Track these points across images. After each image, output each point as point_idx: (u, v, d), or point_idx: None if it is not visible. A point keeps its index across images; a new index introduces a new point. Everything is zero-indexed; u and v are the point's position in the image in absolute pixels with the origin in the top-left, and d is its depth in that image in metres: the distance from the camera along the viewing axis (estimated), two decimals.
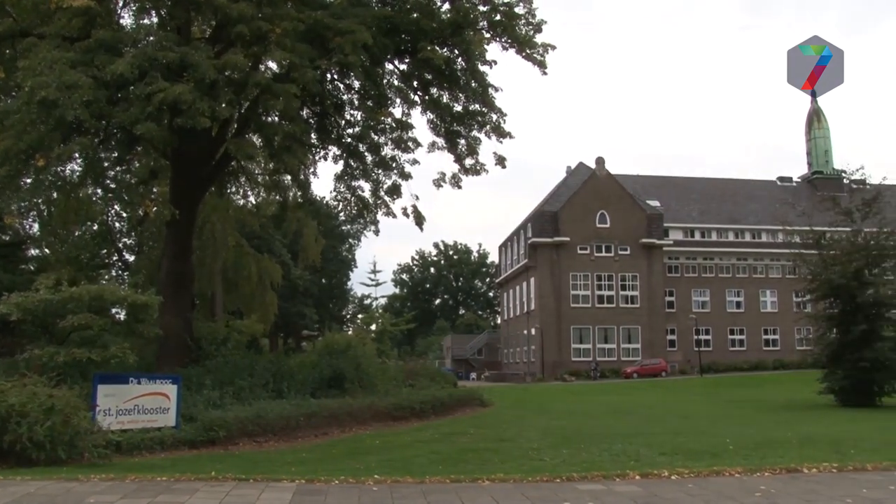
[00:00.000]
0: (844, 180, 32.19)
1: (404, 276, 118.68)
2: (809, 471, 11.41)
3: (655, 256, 59.28)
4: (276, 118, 19.44)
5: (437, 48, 19.56)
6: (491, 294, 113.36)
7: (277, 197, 26.87)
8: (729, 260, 64.06)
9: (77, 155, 18.25)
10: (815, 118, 75.33)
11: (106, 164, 20.23)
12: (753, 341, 62.82)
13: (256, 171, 27.27)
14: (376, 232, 24.19)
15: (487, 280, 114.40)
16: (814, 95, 76.01)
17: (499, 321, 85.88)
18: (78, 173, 21.27)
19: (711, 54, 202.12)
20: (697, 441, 15.90)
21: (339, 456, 14.18)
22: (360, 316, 77.73)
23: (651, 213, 60.18)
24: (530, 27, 20.21)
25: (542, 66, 20.35)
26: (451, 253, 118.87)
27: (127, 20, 19.55)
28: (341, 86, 21.60)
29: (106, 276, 32.28)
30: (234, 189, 28.07)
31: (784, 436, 16.55)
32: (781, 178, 74.78)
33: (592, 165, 61.26)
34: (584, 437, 17.10)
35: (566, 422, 21.88)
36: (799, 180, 74.47)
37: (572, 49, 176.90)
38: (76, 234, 31.44)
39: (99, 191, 24.66)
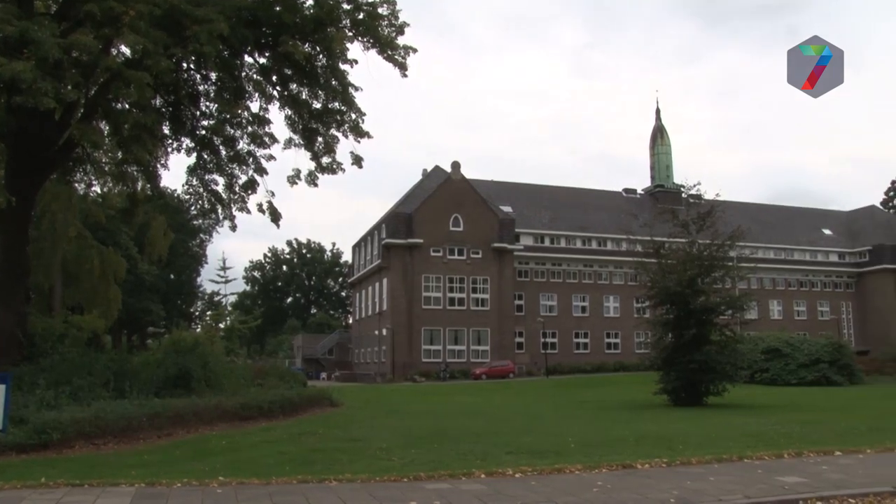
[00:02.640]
0: (683, 194, 34.06)
1: (256, 274, 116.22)
2: (643, 466, 12.06)
3: (506, 261, 60.71)
4: (127, 106, 18.63)
5: (299, 43, 19.33)
6: (343, 294, 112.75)
7: (125, 188, 25.70)
8: (576, 266, 66.51)
9: None
10: (659, 135, 79.84)
11: None
12: (596, 344, 65.54)
13: (103, 160, 25.94)
14: (233, 228, 23.51)
15: (340, 280, 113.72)
16: (658, 114, 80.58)
17: (350, 321, 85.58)
18: None
19: (562, 68, 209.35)
20: (542, 440, 16.42)
21: (182, 458, 13.75)
22: (209, 313, 75.41)
23: (503, 218, 61.63)
24: (393, 29, 20.33)
25: (402, 67, 20.51)
26: (304, 251, 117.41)
27: None
28: (197, 76, 20.94)
29: None
30: (78, 177, 26.60)
31: (622, 434, 17.37)
32: (627, 190, 78.62)
33: (448, 169, 62.07)
34: (433, 436, 17.30)
35: (415, 422, 22.06)
36: (642, 193, 78.49)
37: (432, 53, 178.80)
38: None
39: None
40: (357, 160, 21.41)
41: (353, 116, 21.15)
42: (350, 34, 20.26)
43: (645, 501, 9.34)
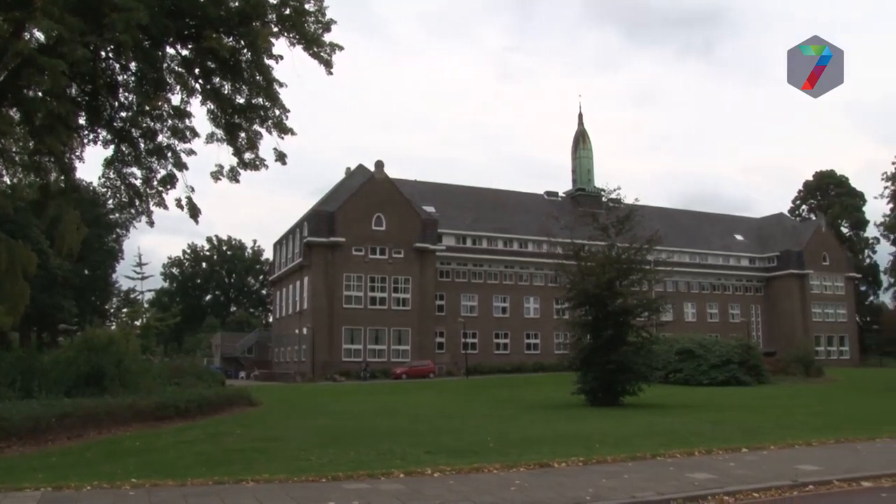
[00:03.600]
0: (603, 198, 34.71)
1: (174, 271, 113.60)
2: (560, 465, 12.30)
3: (428, 261, 60.80)
4: (40, 94, 17.98)
5: (223, 37, 18.98)
6: (264, 292, 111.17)
7: (37, 179, 24.76)
8: (497, 267, 67.08)
9: None
10: (581, 139, 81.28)
11: None
12: (516, 345, 66.22)
13: (13, 150, 24.95)
14: (150, 223, 22.90)
15: (261, 277, 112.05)
16: (580, 118, 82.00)
17: (271, 319, 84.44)
18: None
19: (486, 70, 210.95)
20: (461, 439, 16.56)
21: (94, 459, 13.39)
22: (125, 310, 73.30)
23: (426, 218, 61.73)
24: (319, 25, 20.15)
25: (328, 65, 20.36)
26: (224, 248, 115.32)
27: None
28: (116, 65, 20.35)
29: None
30: None
31: (540, 433, 17.66)
32: (549, 193, 79.70)
33: (372, 168, 61.85)
34: (353, 436, 17.28)
35: (335, 421, 21.98)
36: (564, 196, 79.67)
37: (357, 52, 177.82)
38: None
39: None
40: (280, 157, 21.12)
41: (278, 112, 20.89)
42: (276, 30, 20.01)
43: (561, 499, 9.52)
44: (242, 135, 21.24)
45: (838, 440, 15.74)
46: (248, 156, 21.32)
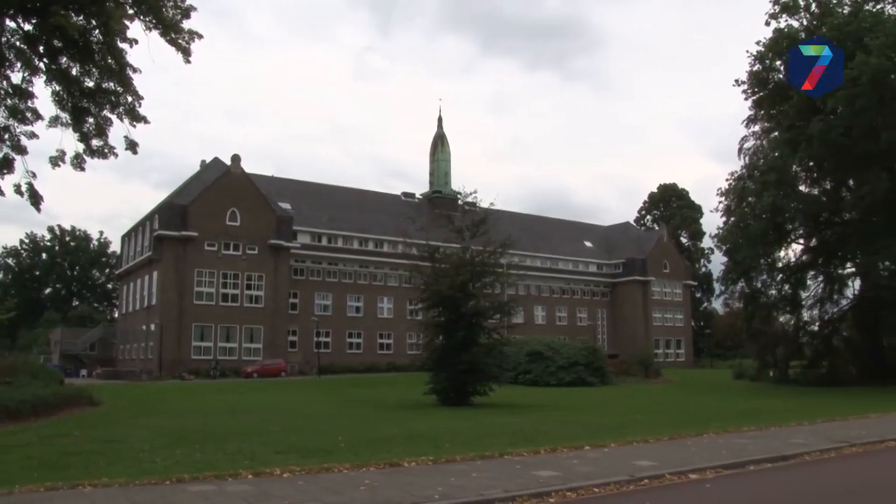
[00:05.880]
0: (459, 201, 35.23)
1: (10, 261, 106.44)
2: (410, 464, 12.43)
3: (283, 258, 59.88)
4: None
5: (72, 14, 17.98)
6: (110, 286, 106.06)
7: None
8: (352, 266, 66.86)
9: None
10: (440, 143, 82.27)
11: None
12: (370, 345, 66.24)
13: None
14: None
15: (107, 271, 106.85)
16: (440, 122, 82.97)
17: (116, 315, 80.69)
18: None
19: (344, 68, 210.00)
20: (312, 439, 16.44)
21: None
22: None
23: (282, 215, 60.75)
24: (178, 11, 19.46)
25: (186, 53, 19.70)
26: (67, 239, 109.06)
27: None
28: None
29: None
30: None
31: (391, 433, 17.76)
32: (406, 194, 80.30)
33: (228, 162, 60.29)
34: (200, 436, 16.82)
35: (182, 421, 21.31)
36: (421, 197, 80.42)
37: (213, 41, 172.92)
38: None
39: None
40: (132, 145, 20.24)
41: (130, 99, 20.01)
42: (131, 12, 19.16)
43: (410, 498, 9.63)
44: (91, 120, 20.23)
45: (671, 437, 16.73)
46: (95, 143, 20.33)
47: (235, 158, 59.47)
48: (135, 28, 19.51)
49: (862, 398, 32.21)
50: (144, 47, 19.28)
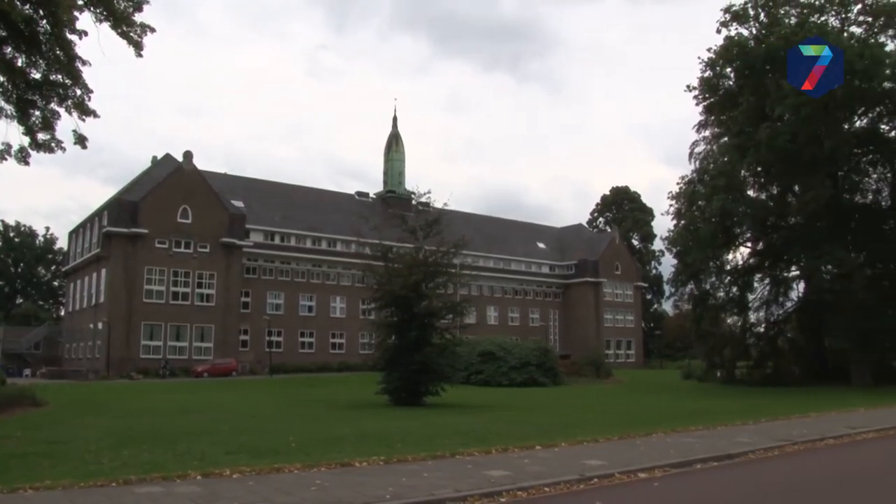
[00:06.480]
0: (413, 201, 35.27)
1: None
2: (361, 464, 12.42)
3: (235, 256, 59.27)
4: None
5: (17, 3, 17.53)
6: (56, 283, 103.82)
7: None
8: (305, 265, 66.45)
9: None
10: (394, 142, 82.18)
11: None
12: (322, 344, 65.90)
13: None
14: None
15: (53, 268, 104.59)
16: (395, 121, 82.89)
17: (63, 313, 79.04)
18: None
19: (297, 66, 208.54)
20: (262, 439, 16.33)
21: None
22: None
23: (234, 213, 60.11)
24: (130, 3, 19.06)
25: (138, 46, 19.30)
26: (11, 234, 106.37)
27: None
28: None
29: None
30: None
31: (342, 433, 17.71)
32: (359, 194, 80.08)
33: (180, 158, 59.46)
34: (148, 437, 16.58)
35: (131, 421, 20.98)
36: (375, 197, 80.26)
37: (164, 36, 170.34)
38: None
39: None
40: (80, 140, 19.76)
41: (79, 92, 19.51)
42: (80, 2, 18.73)
43: (361, 498, 9.63)
44: (37, 113, 19.75)
45: (621, 436, 16.97)
46: (42, 136, 19.82)
47: (188, 155, 58.70)
48: (84, 19, 19.14)
49: (804, 398, 33.01)
50: (95, 39, 18.83)
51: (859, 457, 15.10)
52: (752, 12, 44.44)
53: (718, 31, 45.06)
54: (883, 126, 45.30)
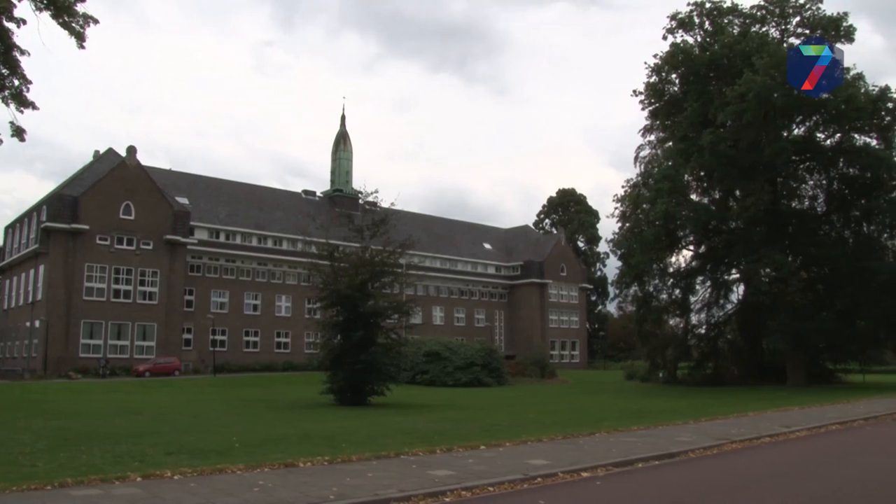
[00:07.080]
0: (360, 201, 35.22)
1: None
2: (305, 464, 12.37)
3: (178, 254, 58.35)
4: None
5: None
6: None
7: None
8: (250, 264, 65.74)
9: None
10: (342, 141, 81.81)
11: None
12: (266, 343, 65.28)
13: None
14: None
15: None
16: (343, 120, 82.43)
17: None
18: None
19: (243, 62, 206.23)
20: (205, 440, 16.16)
21: None
22: None
23: (178, 209, 59.14)
24: None
25: (80, 38, 18.92)
26: None
27: None
28: None
29: None
30: None
31: (286, 433, 17.62)
32: (306, 192, 79.52)
33: (123, 153, 58.31)
34: (87, 438, 16.25)
35: (67, 422, 20.55)
36: (321, 196, 79.78)
37: (106, 28, 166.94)
38: None
39: None
40: (18, 132, 19.30)
41: (17, 83, 19.09)
42: None
43: (305, 499, 9.59)
44: None
45: (565, 436, 17.18)
46: None
47: (131, 150, 57.58)
48: (23, 7, 18.68)
49: (742, 397, 33.79)
50: (35, 29, 18.29)
51: (794, 454, 15.52)
52: (697, 20, 45.40)
53: (664, 38, 45.96)
54: (819, 134, 46.63)
